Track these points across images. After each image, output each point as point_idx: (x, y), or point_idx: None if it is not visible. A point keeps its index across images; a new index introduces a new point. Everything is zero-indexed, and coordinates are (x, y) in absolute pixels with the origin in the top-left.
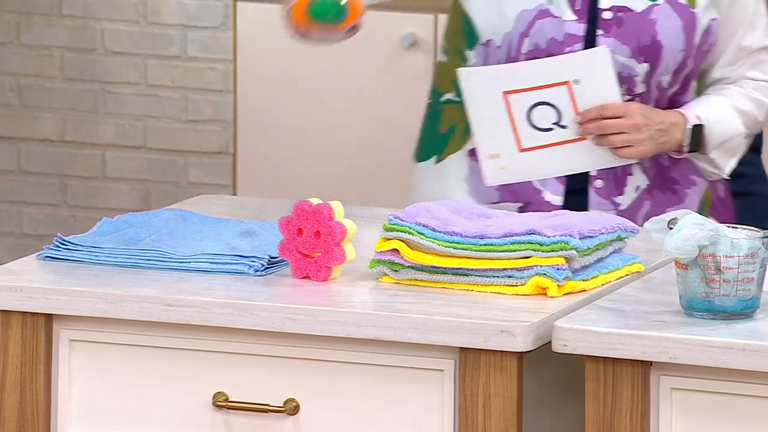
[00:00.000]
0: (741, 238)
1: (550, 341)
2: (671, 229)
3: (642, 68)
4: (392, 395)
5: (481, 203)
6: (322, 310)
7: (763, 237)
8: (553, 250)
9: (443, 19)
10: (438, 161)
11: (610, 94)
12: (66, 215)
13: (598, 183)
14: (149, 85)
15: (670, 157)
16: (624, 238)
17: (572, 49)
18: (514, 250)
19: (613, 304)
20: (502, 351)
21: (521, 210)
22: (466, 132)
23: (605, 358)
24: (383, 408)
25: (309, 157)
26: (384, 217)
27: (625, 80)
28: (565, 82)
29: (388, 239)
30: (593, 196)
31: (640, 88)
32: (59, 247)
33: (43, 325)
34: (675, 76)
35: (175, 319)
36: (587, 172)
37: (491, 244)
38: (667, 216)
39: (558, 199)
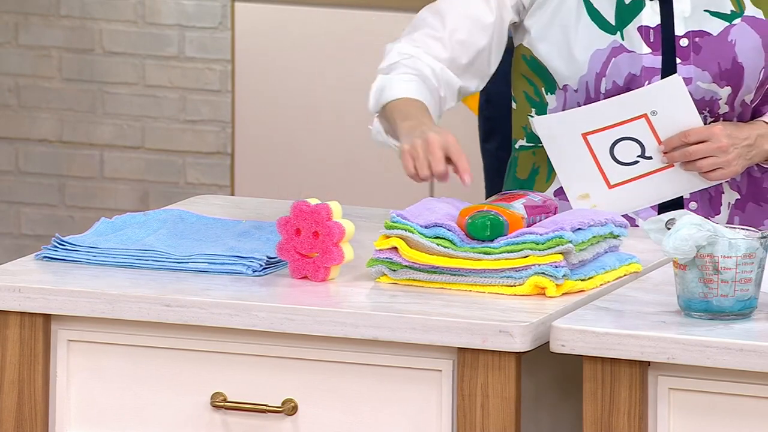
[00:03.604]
0: (739, 238)
1: (548, 341)
2: (669, 229)
3: (725, 92)
4: (390, 395)
5: None
6: (320, 310)
7: (761, 237)
8: (549, 247)
9: None
10: None
11: (690, 119)
12: (64, 215)
13: (693, 205)
14: (147, 85)
15: (760, 168)
16: (617, 235)
17: (650, 82)
18: (512, 251)
19: (611, 305)
20: (500, 351)
21: None
22: (551, 172)
23: (603, 359)
24: (381, 408)
25: (307, 157)
26: (382, 217)
27: (707, 104)
28: (643, 115)
29: (388, 237)
30: None
31: (723, 110)
32: (57, 247)
33: (41, 326)
34: (758, 91)
35: (173, 320)
36: (681, 197)
37: (489, 247)
38: (665, 216)
39: None
